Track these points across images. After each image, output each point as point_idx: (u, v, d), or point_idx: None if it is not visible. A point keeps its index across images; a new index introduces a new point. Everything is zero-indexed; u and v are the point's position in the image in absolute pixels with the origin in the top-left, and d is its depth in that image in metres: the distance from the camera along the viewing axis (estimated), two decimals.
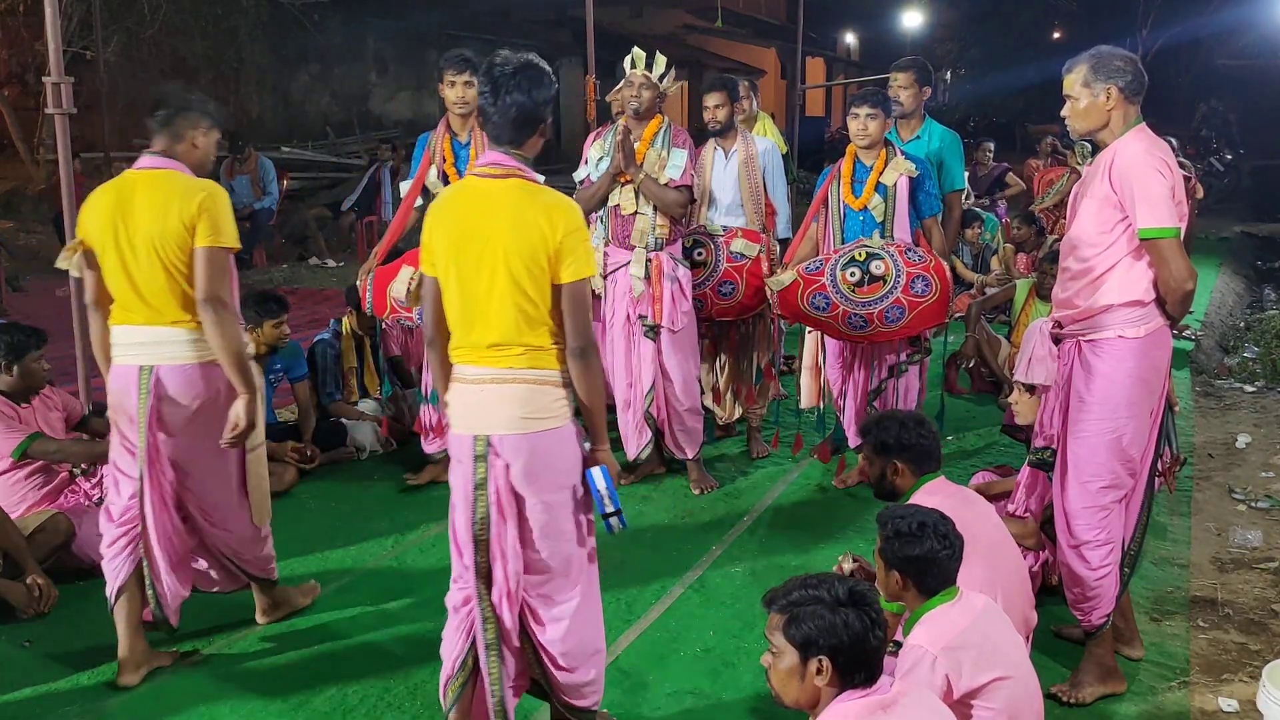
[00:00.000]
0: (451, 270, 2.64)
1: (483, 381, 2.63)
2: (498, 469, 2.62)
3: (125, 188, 3.21)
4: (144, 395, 3.20)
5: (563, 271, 2.58)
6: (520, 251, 2.56)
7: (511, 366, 2.61)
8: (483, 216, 2.60)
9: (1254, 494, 4.96)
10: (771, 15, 27.57)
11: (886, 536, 2.59)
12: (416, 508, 4.71)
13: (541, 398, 2.63)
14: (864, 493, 4.78)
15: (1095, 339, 3.06)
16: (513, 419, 2.61)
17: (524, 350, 2.61)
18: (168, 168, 3.23)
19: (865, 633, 2.10)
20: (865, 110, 4.59)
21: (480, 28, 19.73)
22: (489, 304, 2.60)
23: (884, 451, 3.14)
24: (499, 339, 2.61)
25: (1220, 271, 11.36)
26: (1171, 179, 2.93)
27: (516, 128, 2.62)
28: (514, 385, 2.61)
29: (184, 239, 3.15)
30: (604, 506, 2.69)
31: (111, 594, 3.32)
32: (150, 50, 13.94)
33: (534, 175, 2.66)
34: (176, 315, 3.21)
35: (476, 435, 2.64)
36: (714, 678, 3.35)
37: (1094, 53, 3.05)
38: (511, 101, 2.59)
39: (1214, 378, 7.23)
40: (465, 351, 2.67)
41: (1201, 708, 3.20)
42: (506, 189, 2.61)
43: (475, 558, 2.67)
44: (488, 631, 2.69)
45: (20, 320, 5.12)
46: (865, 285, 4.46)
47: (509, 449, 2.62)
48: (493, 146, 2.67)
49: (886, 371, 4.72)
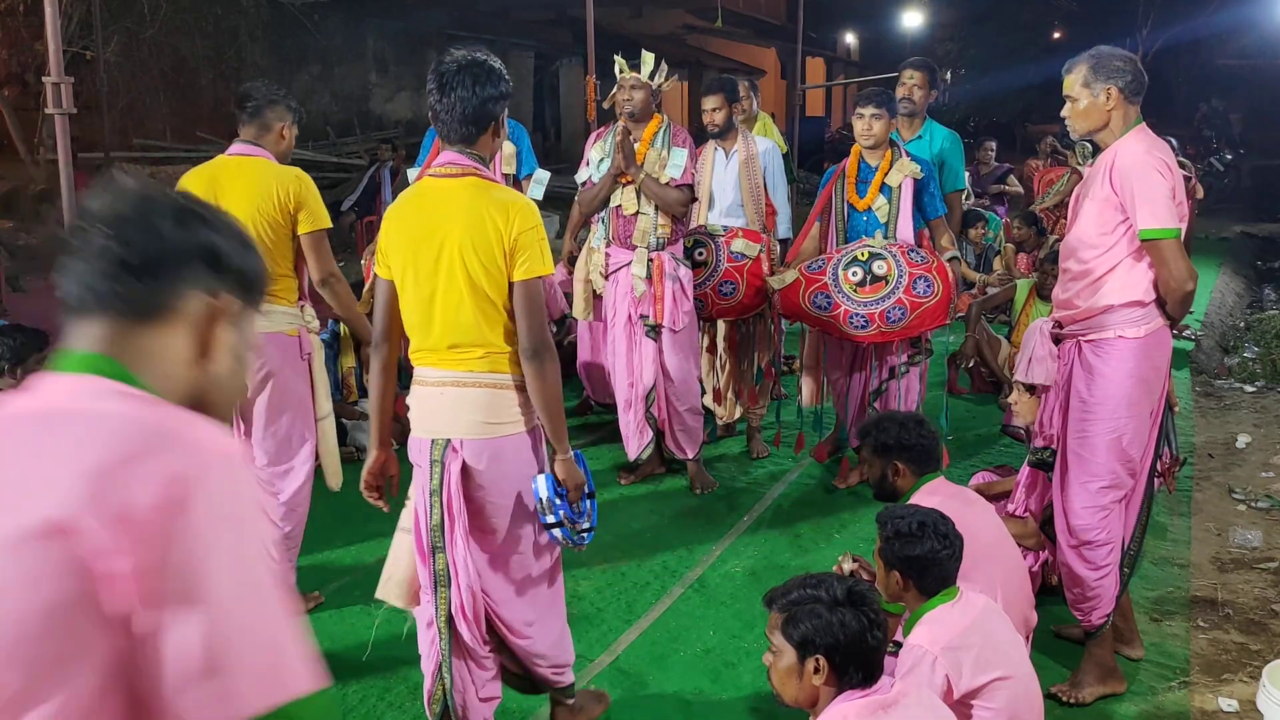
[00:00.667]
0: (409, 271, 2.61)
1: (444, 384, 2.62)
2: (454, 474, 2.61)
3: (218, 171, 3.47)
4: None
5: (516, 269, 2.55)
6: (477, 250, 2.54)
7: (472, 370, 2.60)
8: (439, 216, 2.58)
9: (1254, 494, 4.96)
10: (771, 15, 27.55)
11: (887, 536, 2.59)
12: None
13: (501, 402, 2.62)
14: (864, 493, 4.78)
15: (1095, 339, 3.06)
16: (473, 423, 2.61)
17: (484, 353, 2.60)
18: (257, 154, 3.50)
19: (862, 632, 2.10)
20: (870, 110, 4.58)
21: (480, 28, 19.73)
22: (447, 304, 2.58)
23: (883, 452, 3.15)
24: (458, 340, 2.59)
25: (1220, 271, 11.36)
26: (1171, 179, 2.93)
27: (465, 126, 2.58)
28: (474, 389, 2.60)
29: (277, 219, 3.42)
30: (544, 517, 2.65)
31: None
32: (150, 50, 13.94)
33: (489, 174, 2.63)
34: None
35: (435, 439, 2.64)
36: (714, 678, 3.35)
37: (1094, 53, 3.04)
38: (457, 99, 2.55)
39: (1214, 378, 7.23)
40: (424, 354, 2.65)
41: (1201, 708, 3.20)
42: (462, 187, 2.58)
43: (434, 566, 2.68)
44: (442, 642, 2.71)
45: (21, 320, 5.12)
46: (867, 285, 4.45)
47: (470, 453, 2.62)
48: (446, 146, 2.63)
49: (888, 372, 4.72)
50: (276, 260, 3.46)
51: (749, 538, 4.43)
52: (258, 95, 3.55)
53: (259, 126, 3.55)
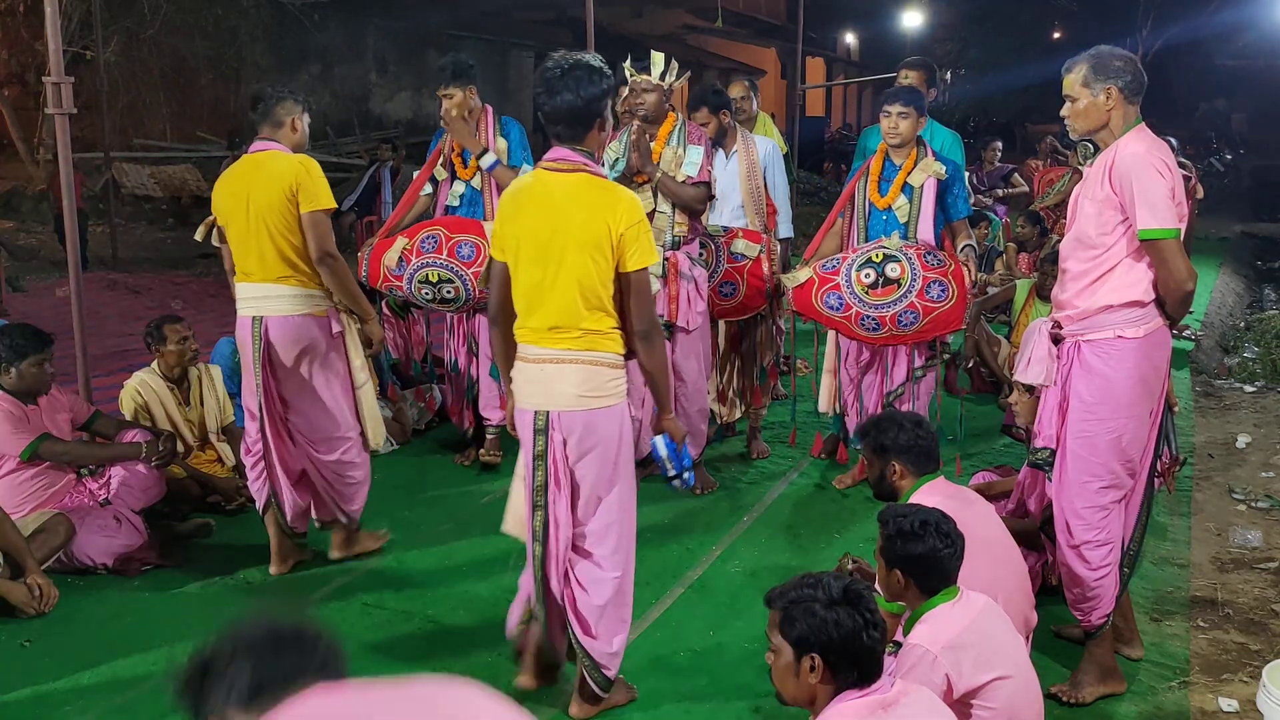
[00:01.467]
0: (520, 256, 2.85)
1: (543, 361, 2.85)
2: (555, 442, 2.87)
3: (246, 167, 3.81)
4: (256, 341, 3.80)
5: (628, 261, 2.78)
6: (585, 242, 2.75)
7: (570, 348, 2.82)
8: (550, 208, 2.80)
9: (1254, 494, 4.96)
10: (771, 15, 27.56)
11: (888, 535, 2.59)
12: (416, 507, 4.71)
13: (596, 378, 2.84)
14: (864, 493, 4.78)
15: (1095, 339, 3.06)
16: (569, 396, 2.84)
17: (582, 334, 2.81)
18: (272, 148, 3.80)
19: (857, 631, 2.11)
20: (897, 108, 4.52)
21: (480, 28, 19.73)
22: (553, 290, 2.79)
23: (883, 452, 3.15)
24: (559, 322, 2.81)
25: (1220, 271, 11.37)
26: (1171, 179, 2.93)
27: (572, 125, 2.80)
28: (572, 365, 2.83)
29: (285, 207, 3.71)
30: (666, 470, 3.02)
31: (260, 508, 4.02)
32: (150, 50, 13.95)
33: (599, 170, 2.86)
34: (281, 273, 3.78)
35: (537, 410, 2.89)
36: (714, 678, 3.35)
37: (1093, 53, 3.04)
38: (563, 101, 2.77)
39: (1214, 378, 7.23)
40: (528, 333, 2.89)
41: (1201, 708, 3.20)
42: (574, 183, 2.80)
43: (533, 521, 2.95)
44: (536, 587, 3.01)
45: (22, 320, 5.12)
46: (879, 288, 4.39)
47: (565, 424, 2.85)
48: (557, 143, 2.84)
49: (904, 374, 4.68)
50: (294, 246, 3.75)
51: (749, 538, 4.42)
52: (267, 95, 3.84)
53: (272, 124, 3.83)
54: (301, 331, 3.81)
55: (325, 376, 3.90)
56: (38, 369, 4.02)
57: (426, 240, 4.75)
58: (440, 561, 4.20)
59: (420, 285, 4.76)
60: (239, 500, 4.60)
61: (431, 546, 4.33)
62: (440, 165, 4.96)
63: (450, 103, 4.73)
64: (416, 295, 4.84)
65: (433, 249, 4.73)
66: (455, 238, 4.76)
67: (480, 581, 4.00)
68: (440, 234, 4.77)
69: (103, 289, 9.49)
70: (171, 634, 3.60)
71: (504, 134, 4.89)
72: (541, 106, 2.81)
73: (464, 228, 4.81)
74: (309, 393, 3.88)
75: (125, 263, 10.79)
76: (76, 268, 4.62)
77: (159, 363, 4.60)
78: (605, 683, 3.04)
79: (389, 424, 5.57)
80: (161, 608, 3.83)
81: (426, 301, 4.87)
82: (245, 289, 3.84)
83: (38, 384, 4.04)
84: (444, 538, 4.41)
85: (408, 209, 5.02)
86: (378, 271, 4.85)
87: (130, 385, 4.59)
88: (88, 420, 4.33)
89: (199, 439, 4.73)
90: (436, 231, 4.79)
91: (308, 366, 3.85)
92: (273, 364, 3.82)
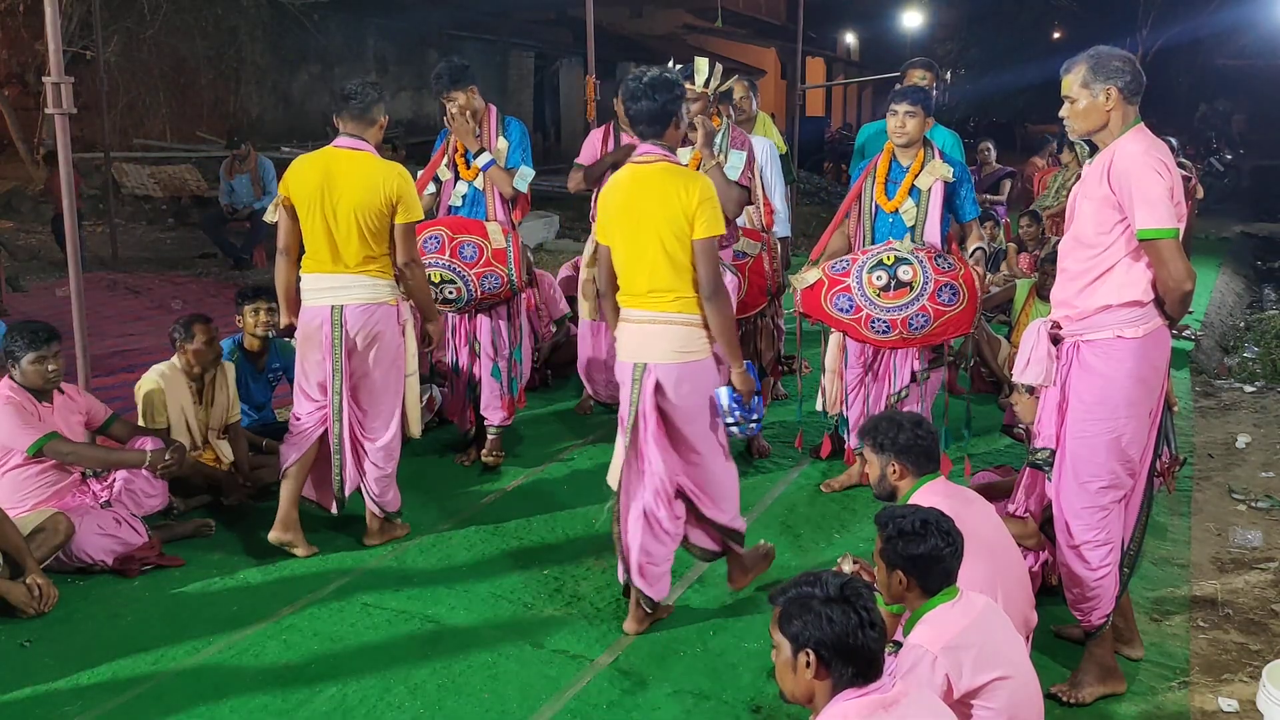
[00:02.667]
0: (619, 235, 3.48)
1: (643, 322, 3.47)
2: (648, 389, 3.45)
3: (333, 163, 3.97)
4: (335, 327, 3.99)
5: (697, 230, 3.36)
6: (668, 218, 3.36)
7: (666, 310, 3.42)
8: (641, 193, 3.43)
9: (1254, 494, 4.96)
10: (771, 15, 27.55)
11: (889, 536, 2.59)
12: (416, 508, 4.71)
13: (688, 336, 3.44)
14: (863, 493, 4.78)
15: (1094, 339, 3.06)
16: (666, 351, 3.44)
17: (675, 297, 3.41)
18: (363, 149, 4.00)
19: (850, 629, 2.11)
20: (904, 107, 4.46)
21: (480, 28, 19.73)
22: (648, 260, 3.40)
23: (882, 452, 3.15)
24: (655, 287, 3.42)
25: (1220, 271, 11.36)
26: (1170, 179, 2.93)
27: (653, 125, 3.48)
28: (667, 325, 3.43)
29: (381, 210, 3.95)
30: (724, 418, 3.51)
31: (283, 468, 4.16)
32: (150, 50, 13.96)
33: (675, 158, 3.52)
34: (364, 266, 4.00)
35: (636, 363, 3.48)
36: (714, 678, 3.35)
37: (1093, 53, 3.04)
38: (644, 106, 3.45)
39: (1214, 378, 7.23)
40: (629, 298, 3.51)
41: (1201, 708, 3.20)
42: (657, 171, 3.44)
43: (629, 454, 3.55)
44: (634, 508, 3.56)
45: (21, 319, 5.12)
46: (891, 290, 4.34)
47: (662, 374, 3.45)
48: (642, 141, 3.51)
49: (910, 377, 4.66)
50: (380, 243, 4.01)
51: (749, 538, 4.40)
52: (362, 94, 4.01)
53: (364, 122, 4.02)
54: (377, 319, 4.04)
55: (388, 363, 4.12)
56: (37, 366, 4.02)
57: (429, 240, 4.75)
58: (440, 561, 4.20)
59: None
60: (236, 496, 4.62)
61: (431, 546, 4.33)
62: (444, 165, 4.97)
63: (454, 105, 4.75)
64: None
65: (435, 249, 4.73)
66: (458, 238, 4.76)
67: (480, 581, 4.01)
68: (443, 234, 4.77)
69: (102, 289, 9.49)
70: (171, 634, 3.60)
71: (505, 134, 4.89)
72: (627, 110, 3.51)
73: (466, 228, 4.81)
74: (373, 377, 4.10)
75: (125, 263, 10.78)
76: (77, 268, 4.62)
77: (180, 358, 4.61)
78: (739, 537, 3.74)
79: None
80: (161, 608, 3.83)
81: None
82: (319, 279, 4.01)
83: (39, 381, 4.03)
84: (444, 538, 4.41)
85: None
86: None
87: (150, 374, 4.59)
88: (104, 423, 4.33)
89: (203, 437, 4.73)
90: (439, 232, 4.78)
91: (376, 352, 4.07)
92: (350, 348, 4.03)
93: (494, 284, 4.81)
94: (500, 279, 4.81)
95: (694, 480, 3.59)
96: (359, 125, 4.01)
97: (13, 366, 4.04)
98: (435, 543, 4.36)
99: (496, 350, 5.03)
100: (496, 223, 4.87)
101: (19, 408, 3.98)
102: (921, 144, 4.55)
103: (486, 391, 5.07)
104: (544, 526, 4.52)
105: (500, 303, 4.96)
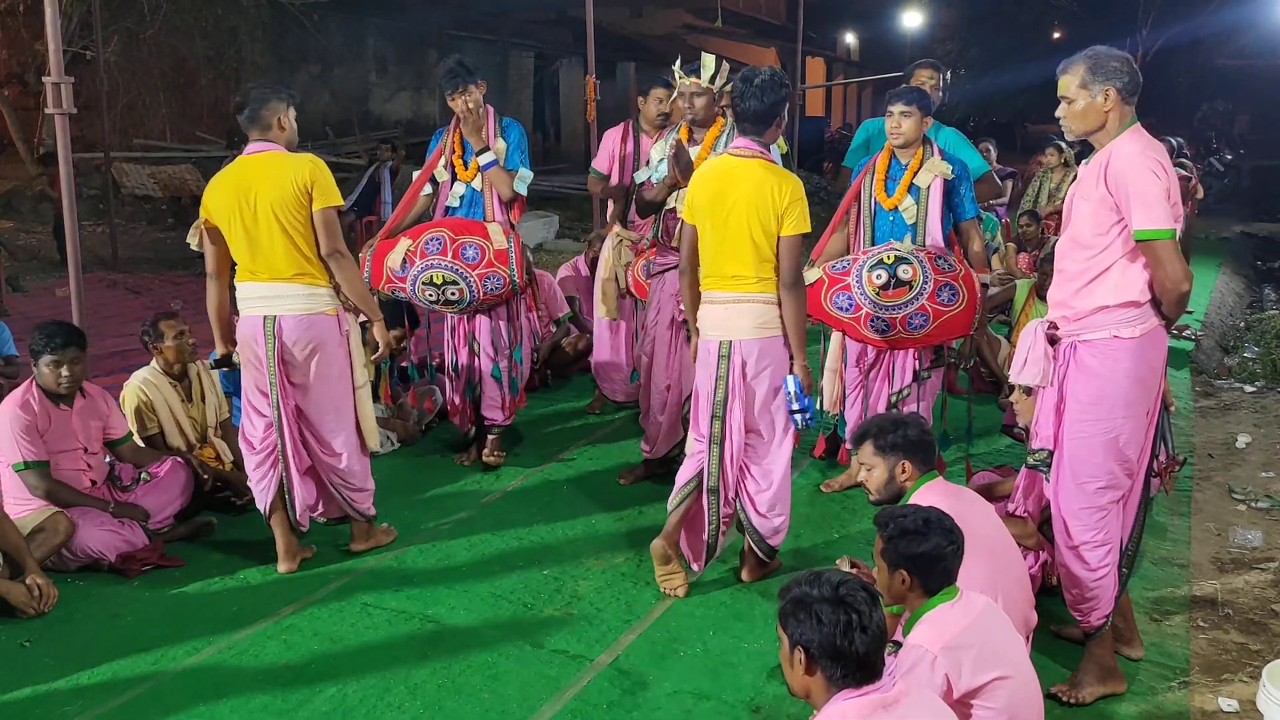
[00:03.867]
0: (709, 221, 3.69)
1: (728, 302, 3.70)
2: (735, 364, 3.70)
3: (243, 170, 3.84)
4: (270, 339, 3.85)
5: (785, 227, 3.61)
6: (759, 211, 3.59)
7: (749, 291, 3.66)
8: (734, 184, 3.64)
9: (1254, 494, 4.96)
10: (771, 15, 27.56)
11: (890, 536, 2.58)
12: (417, 508, 4.71)
13: (768, 313, 3.68)
14: (863, 493, 4.77)
15: (1091, 340, 3.06)
16: (748, 328, 3.68)
17: (756, 280, 3.65)
18: (271, 149, 3.85)
19: (839, 629, 2.11)
20: (899, 107, 4.48)
21: (480, 28, 19.72)
22: (733, 245, 3.63)
23: (891, 451, 3.14)
24: (739, 271, 3.65)
25: (1220, 271, 11.36)
26: (1166, 180, 2.92)
27: (755, 122, 3.68)
28: (750, 304, 3.67)
29: (299, 204, 3.78)
30: (790, 404, 3.69)
31: (265, 508, 4.04)
32: (150, 50, 13.96)
33: (771, 156, 3.71)
34: (294, 271, 3.83)
35: (721, 340, 3.71)
36: (714, 678, 3.35)
37: (1090, 54, 3.04)
38: (751, 105, 3.64)
39: (1214, 378, 7.23)
40: (715, 280, 3.72)
41: (1201, 708, 3.20)
42: (752, 166, 3.65)
43: (711, 429, 3.76)
44: (711, 479, 3.79)
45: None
46: (891, 289, 4.34)
47: (744, 349, 3.69)
48: (741, 134, 3.73)
49: (910, 376, 4.66)
50: (308, 243, 3.83)
51: None
52: (251, 98, 3.85)
53: (262, 126, 3.86)
54: (314, 329, 3.88)
55: (332, 376, 3.96)
56: (52, 370, 4.01)
57: (431, 242, 4.75)
58: (440, 561, 4.20)
59: (424, 287, 4.76)
60: (249, 496, 4.61)
61: (431, 546, 4.33)
62: (441, 166, 4.96)
63: (471, 100, 4.73)
64: (420, 297, 4.83)
65: (437, 250, 4.72)
66: (460, 239, 4.75)
67: (480, 581, 4.01)
68: (445, 236, 4.76)
69: (102, 289, 9.50)
70: (171, 634, 3.61)
71: (504, 135, 4.89)
72: (734, 107, 3.71)
73: (468, 229, 4.81)
74: (316, 391, 3.95)
75: (125, 263, 10.79)
76: (77, 268, 4.63)
77: (158, 360, 4.60)
78: (770, 551, 3.91)
79: (390, 424, 5.58)
80: (161, 608, 3.83)
81: (429, 303, 4.86)
82: (253, 289, 3.86)
83: (52, 384, 4.03)
84: (444, 538, 4.41)
85: (408, 210, 5.02)
86: (380, 272, 4.84)
87: (132, 384, 4.59)
88: (120, 439, 4.34)
89: (199, 436, 4.73)
90: (441, 233, 4.78)
91: (317, 365, 3.92)
92: (286, 362, 3.88)
93: (496, 285, 4.81)
94: (502, 280, 4.81)
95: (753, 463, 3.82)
96: (259, 130, 3.85)
97: (34, 363, 4.04)
98: (435, 543, 4.36)
99: (497, 350, 5.03)
100: (497, 223, 4.87)
101: (24, 421, 3.97)
102: (921, 142, 4.56)
103: (487, 391, 5.07)
104: (544, 526, 4.52)
105: (500, 303, 4.96)
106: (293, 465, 3.98)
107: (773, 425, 3.79)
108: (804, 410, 3.67)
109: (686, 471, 3.86)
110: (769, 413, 3.77)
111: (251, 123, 3.85)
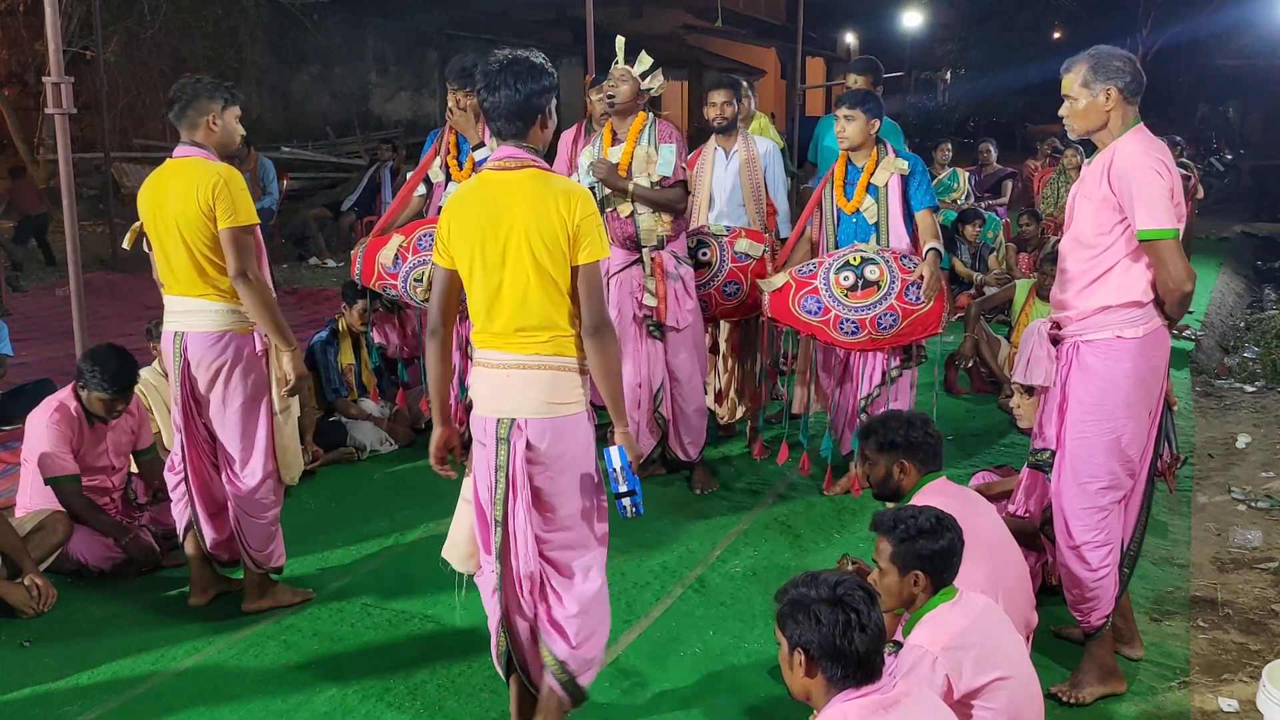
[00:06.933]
0: (476, 260, 2.70)
1: (508, 367, 2.72)
2: (518, 451, 2.71)
3: (162, 176, 3.54)
4: (176, 357, 3.57)
5: (580, 253, 2.67)
6: (542, 236, 2.64)
7: (537, 353, 2.70)
8: (504, 206, 2.67)
9: (1254, 494, 4.95)
10: (771, 15, 27.54)
11: (903, 537, 2.57)
12: (416, 507, 4.71)
13: (563, 384, 2.72)
14: (863, 494, 4.77)
15: (1093, 340, 3.06)
16: (537, 403, 2.71)
17: (550, 337, 2.70)
18: (193, 155, 3.51)
19: (838, 630, 2.11)
20: (843, 111, 4.53)
21: (480, 28, 19.71)
22: (515, 290, 2.67)
23: (890, 450, 3.14)
24: (525, 324, 2.69)
25: (1220, 271, 11.35)
26: (1170, 180, 2.93)
27: (513, 121, 2.71)
28: (539, 371, 2.70)
29: (203, 222, 3.43)
30: (617, 485, 2.77)
31: (180, 532, 3.76)
32: (150, 50, 13.95)
33: (546, 164, 2.74)
34: (200, 289, 3.52)
35: (500, 418, 2.73)
36: (714, 678, 3.35)
37: (1093, 53, 3.04)
38: (503, 97, 2.68)
39: (1214, 378, 7.22)
40: (489, 338, 2.75)
41: (1201, 708, 3.20)
42: (524, 179, 2.69)
43: (494, 538, 2.79)
44: (502, 605, 2.82)
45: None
46: (859, 290, 4.36)
47: (533, 432, 2.71)
48: (502, 142, 2.75)
49: (880, 378, 4.67)
50: (215, 261, 3.48)
51: (749, 538, 4.42)
52: (181, 94, 3.51)
53: (188, 126, 3.53)
54: (221, 349, 3.54)
55: (245, 400, 3.60)
56: (104, 406, 3.99)
57: (423, 239, 4.76)
58: (440, 561, 4.19)
59: (415, 284, 4.77)
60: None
61: (431, 546, 4.32)
62: (436, 167, 4.96)
63: (471, 102, 4.73)
64: (411, 294, 4.83)
65: (429, 247, 4.73)
66: None
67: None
68: None
69: (103, 289, 9.49)
70: (171, 634, 3.60)
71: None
72: (482, 103, 2.74)
73: None
74: (226, 415, 3.60)
75: (125, 263, 10.78)
76: (77, 268, 4.62)
77: (159, 360, 4.60)
78: (580, 696, 2.88)
79: (389, 425, 5.58)
80: (161, 608, 3.83)
81: (420, 301, 4.87)
82: (168, 301, 3.61)
83: (100, 412, 4.02)
84: (444, 538, 4.39)
85: (401, 209, 5.03)
86: (371, 269, 4.86)
87: None
88: (146, 449, 4.34)
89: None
90: (433, 230, 4.78)
91: (228, 389, 3.57)
92: (191, 381, 3.57)
93: None
94: None
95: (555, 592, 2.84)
96: (187, 128, 3.52)
97: (81, 384, 4.00)
98: (435, 543, 4.35)
99: None
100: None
101: (62, 433, 3.95)
102: (874, 144, 4.58)
103: None
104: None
105: None
106: (195, 491, 3.66)
107: (576, 533, 2.82)
108: (632, 492, 2.78)
109: (492, 616, 2.90)
110: (570, 516, 2.80)
111: (178, 120, 3.52)
